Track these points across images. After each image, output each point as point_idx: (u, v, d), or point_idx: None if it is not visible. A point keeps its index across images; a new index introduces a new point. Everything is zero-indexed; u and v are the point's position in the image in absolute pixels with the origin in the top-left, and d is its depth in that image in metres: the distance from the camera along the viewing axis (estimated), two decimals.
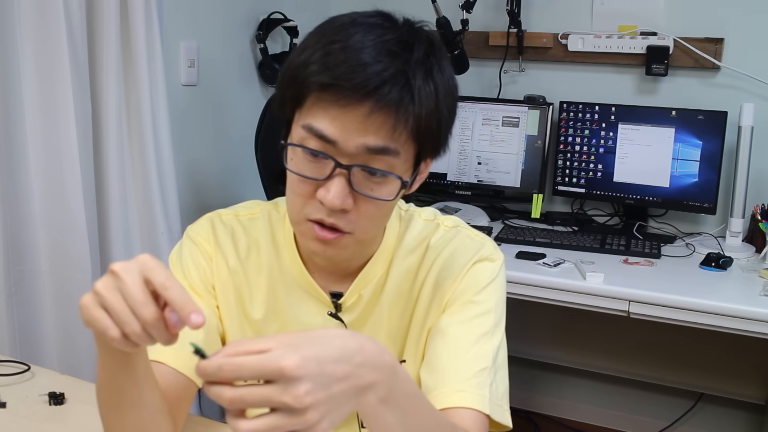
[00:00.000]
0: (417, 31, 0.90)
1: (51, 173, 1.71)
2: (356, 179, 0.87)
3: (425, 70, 0.86)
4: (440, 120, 0.89)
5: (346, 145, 0.85)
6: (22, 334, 1.70)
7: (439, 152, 0.94)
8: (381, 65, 0.83)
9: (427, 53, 0.88)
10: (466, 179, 2.59)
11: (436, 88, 0.87)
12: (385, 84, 0.83)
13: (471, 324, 0.99)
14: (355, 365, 0.67)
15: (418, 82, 0.85)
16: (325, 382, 0.64)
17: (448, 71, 0.91)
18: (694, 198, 2.33)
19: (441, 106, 0.88)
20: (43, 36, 1.64)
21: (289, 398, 0.62)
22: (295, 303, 1.05)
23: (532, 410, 2.88)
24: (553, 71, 2.61)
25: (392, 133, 0.85)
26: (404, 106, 0.84)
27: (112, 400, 0.87)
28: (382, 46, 0.85)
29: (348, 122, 0.84)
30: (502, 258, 1.05)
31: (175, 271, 1.06)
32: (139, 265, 0.69)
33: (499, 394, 0.97)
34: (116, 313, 0.68)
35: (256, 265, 1.07)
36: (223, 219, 1.09)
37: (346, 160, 0.86)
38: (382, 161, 0.86)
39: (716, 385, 2.59)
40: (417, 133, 0.87)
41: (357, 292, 1.03)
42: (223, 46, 2.31)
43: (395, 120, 0.84)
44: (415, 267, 1.04)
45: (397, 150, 0.86)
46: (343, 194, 0.86)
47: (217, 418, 1.13)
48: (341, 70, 0.83)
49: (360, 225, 0.90)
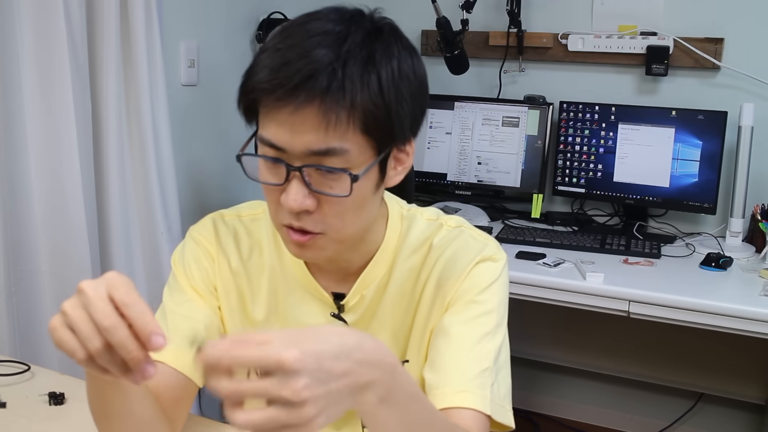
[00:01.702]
0: (359, 20, 0.88)
1: (51, 173, 1.70)
2: (312, 179, 0.86)
3: (363, 57, 0.83)
4: (388, 107, 0.85)
5: (293, 149, 0.84)
6: (22, 334, 1.70)
7: (401, 140, 0.90)
8: (305, 60, 0.82)
9: (364, 39, 0.85)
10: (466, 179, 2.59)
11: (378, 74, 0.84)
12: (310, 77, 0.81)
13: (473, 324, 0.99)
14: (354, 362, 0.67)
15: (349, 71, 0.82)
16: (324, 378, 0.64)
17: (399, 56, 0.87)
18: (694, 198, 2.33)
19: (387, 92, 0.84)
20: (43, 36, 1.64)
21: (287, 392, 0.62)
22: (297, 304, 1.05)
23: (532, 410, 2.89)
24: (553, 71, 2.61)
25: (327, 128, 0.82)
26: (331, 96, 0.81)
27: (102, 413, 0.88)
28: (314, 41, 0.83)
29: (288, 124, 0.83)
30: (505, 258, 1.05)
31: (178, 272, 1.06)
32: (105, 281, 0.69)
33: (500, 395, 0.97)
34: (80, 331, 0.68)
35: (258, 265, 1.06)
36: (226, 219, 1.09)
37: (297, 162, 0.85)
38: (332, 160, 0.84)
39: (716, 385, 2.59)
40: (362, 124, 0.84)
41: (359, 293, 1.03)
42: (223, 46, 2.31)
43: (325, 114, 0.82)
44: (418, 267, 1.03)
45: (344, 148, 0.84)
46: (300, 196, 0.85)
47: (217, 419, 1.13)
48: (269, 71, 0.84)
49: (329, 224, 0.89)
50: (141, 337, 0.67)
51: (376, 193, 0.93)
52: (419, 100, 0.90)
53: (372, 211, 0.95)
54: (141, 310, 0.68)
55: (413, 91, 0.88)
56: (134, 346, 0.68)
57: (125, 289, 0.68)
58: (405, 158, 0.93)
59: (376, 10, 0.91)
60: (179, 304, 1.04)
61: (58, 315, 0.70)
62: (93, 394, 0.87)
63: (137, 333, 0.67)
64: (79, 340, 0.68)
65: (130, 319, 0.67)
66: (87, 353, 0.68)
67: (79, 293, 0.69)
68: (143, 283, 1.96)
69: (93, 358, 0.68)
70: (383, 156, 0.89)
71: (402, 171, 0.94)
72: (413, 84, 0.89)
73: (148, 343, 0.67)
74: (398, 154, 0.92)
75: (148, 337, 0.67)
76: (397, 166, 0.93)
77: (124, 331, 0.67)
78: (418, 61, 0.91)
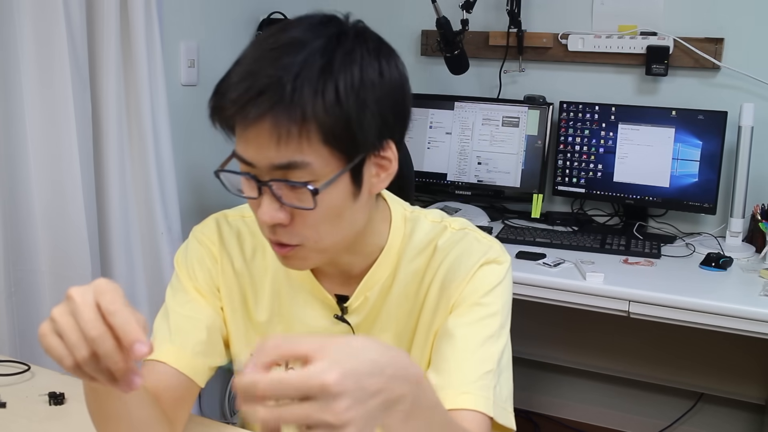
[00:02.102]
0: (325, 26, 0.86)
1: (51, 173, 1.70)
2: (282, 193, 0.85)
3: (318, 67, 0.81)
4: (348, 116, 0.82)
5: (259, 163, 0.84)
6: (22, 334, 1.70)
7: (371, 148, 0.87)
8: (259, 75, 0.81)
9: (326, 48, 0.82)
10: (466, 179, 2.59)
11: (335, 84, 0.81)
12: (260, 94, 0.80)
13: (477, 326, 0.99)
14: (387, 378, 0.66)
15: (299, 84, 0.80)
16: (362, 397, 0.63)
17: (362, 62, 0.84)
18: (694, 198, 2.33)
19: (345, 101, 0.81)
20: (43, 36, 1.64)
21: (330, 416, 0.61)
22: (300, 305, 1.05)
23: (532, 410, 2.89)
24: (553, 71, 2.61)
25: (279, 142, 0.81)
26: (282, 111, 0.80)
27: (99, 414, 0.89)
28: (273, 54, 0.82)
29: (250, 140, 0.83)
30: (509, 261, 1.05)
31: (180, 272, 1.06)
32: (93, 288, 0.69)
33: (503, 397, 0.97)
34: (68, 339, 0.68)
35: (261, 267, 1.06)
36: (230, 220, 1.09)
37: (266, 177, 0.85)
38: (296, 173, 0.83)
39: (716, 385, 2.59)
40: (321, 135, 0.81)
41: (363, 295, 1.03)
42: (223, 46, 2.31)
43: (275, 128, 0.81)
44: (422, 269, 1.03)
45: (305, 161, 0.82)
46: (271, 210, 0.85)
47: (217, 418, 1.13)
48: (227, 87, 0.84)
49: (304, 236, 0.88)
50: (124, 345, 0.67)
51: (356, 203, 0.90)
52: (391, 105, 0.87)
53: (355, 220, 0.93)
54: (124, 319, 0.67)
55: (380, 96, 0.85)
56: (119, 358, 0.68)
57: (111, 297, 0.68)
58: (388, 164, 0.90)
59: (349, 15, 0.89)
60: (182, 305, 1.04)
61: (47, 321, 0.70)
62: (90, 396, 0.87)
63: (120, 341, 0.67)
64: (66, 347, 0.68)
65: (114, 327, 0.67)
66: (74, 361, 0.68)
67: (67, 300, 0.69)
68: (143, 284, 1.96)
69: (80, 366, 0.69)
70: (353, 165, 0.86)
71: (386, 177, 0.92)
72: (379, 89, 0.85)
73: (130, 351, 0.67)
74: (378, 161, 0.89)
75: (131, 345, 0.67)
76: (380, 173, 0.91)
77: (110, 341, 0.67)
78: (388, 64, 0.87)
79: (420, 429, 0.73)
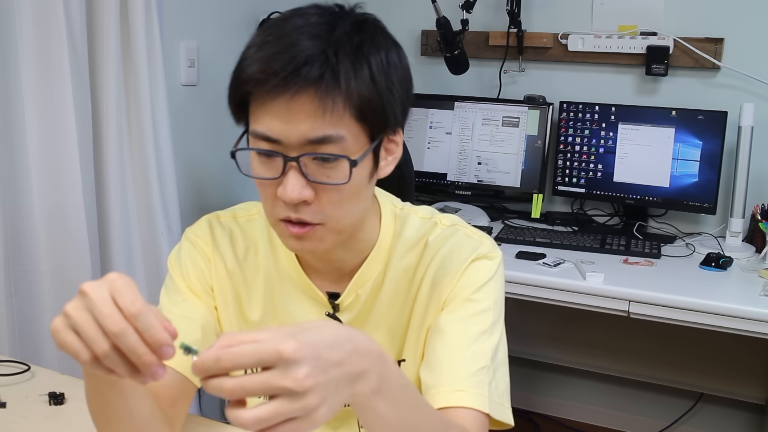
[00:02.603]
0: (342, 13, 0.90)
1: (51, 173, 1.70)
2: (309, 169, 0.86)
3: (352, 46, 0.85)
4: (380, 93, 0.86)
5: (288, 139, 0.85)
6: (22, 334, 1.70)
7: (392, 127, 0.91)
8: (296, 49, 0.83)
9: (352, 30, 0.86)
10: (466, 179, 2.59)
11: (368, 63, 0.86)
12: (304, 65, 0.82)
13: (469, 322, 0.99)
14: (347, 352, 0.68)
15: (342, 58, 0.84)
16: (323, 366, 0.65)
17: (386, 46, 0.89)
18: (694, 198, 2.33)
19: (378, 79, 0.86)
20: (43, 36, 1.64)
21: (290, 381, 0.62)
22: (292, 304, 1.05)
23: (532, 410, 2.89)
24: (553, 71, 2.61)
25: (324, 115, 0.83)
26: (326, 83, 0.83)
27: (100, 413, 0.88)
28: (303, 32, 0.85)
29: (283, 114, 0.84)
30: (500, 256, 1.05)
31: (174, 272, 1.06)
32: (107, 283, 0.68)
33: (499, 393, 0.97)
34: (85, 333, 0.67)
35: (253, 266, 1.07)
36: (222, 221, 1.09)
37: (294, 153, 0.85)
38: (328, 147, 0.85)
39: (716, 385, 2.59)
40: (356, 111, 0.85)
41: (354, 292, 1.03)
42: (223, 46, 2.31)
43: (321, 101, 0.83)
44: (413, 265, 1.03)
45: (340, 135, 0.85)
46: (298, 186, 0.86)
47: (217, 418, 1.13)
48: (260, 63, 0.84)
49: (327, 214, 0.89)
50: (151, 348, 0.67)
51: (370, 184, 0.94)
52: (407, 88, 0.93)
53: (367, 201, 0.96)
54: (149, 321, 0.67)
55: (401, 78, 0.91)
56: (145, 350, 0.67)
57: (131, 297, 0.67)
58: (394, 148, 0.94)
59: (356, 6, 0.92)
60: (176, 304, 1.04)
61: (60, 317, 0.69)
62: (91, 394, 0.87)
63: (147, 344, 0.67)
64: (83, 342, 0.68)
65: (139, 330, 0.67)
66: (92, 355, 0.68)
67: (81, 296, 0.68)
68: (143, 283, 1.96)
69: (98, 360, 0.68)
70: (377, 143, 0.90)
71: (392, 161, 0.95)
72: (400, 72, 0.91)
73: (158, 353, 0.67)
74: (388, 144, 0.93)
75: (159, 348, 0.67)
76: (387, 156, 0.94)
77: (134, 335, 0.67)
78: (402, 53, 0.93)
79: (390, 408, 0.74)
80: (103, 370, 0.69)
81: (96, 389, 0.85)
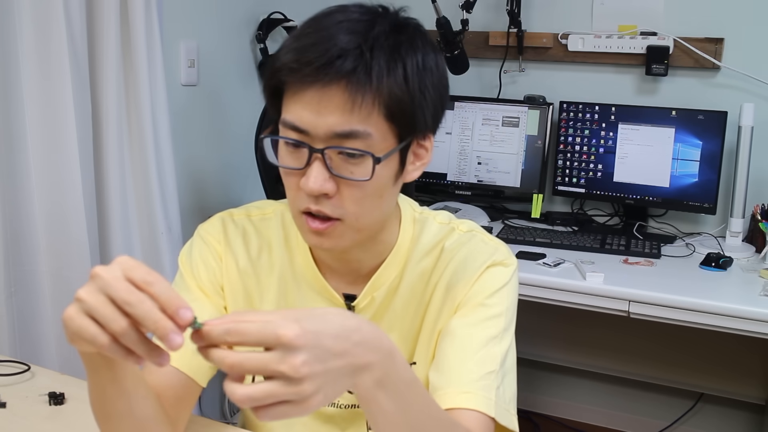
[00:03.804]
0: (384, 14, 0.91)
1: (51, 173, 1.70)
2: (334, 163, 0.87)
3: (389, 46, 0.86)
4: (412, 95, 0.87)
5: (316, 131, 0.85)
6: (22, 334, 1.70)
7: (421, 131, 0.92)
8: (332, 42, 0.84)
9: (391, 30, 0.87)
10: (466, 179, 2.59)
11: (403, 64, 0.86)
12: (338, 58, 0.83)
13: (480, 327, 0.99)
14: (352, 343, 0.68)
15: (376, 55, 0.84)
16: (322, 356, 0.65)
17: (424, 50, 0.90)
18: (694, 198, 2.33)
19: (411, 81, 0.87)
20: (43, 36, 1.64)
21: (286, 367, 0.63)
22: (306, 304, 1.05)
23: (532, 410, 2.89)
24: (553, 71, 2.61)
25: (352, 109, 0.84)
26: (358, 77, 0.83)
27: (103, 412, 0.88)
28: (342, 27, 0.86)
29: (313, 104, 0.85)
30: (515, 263, 1.06)
31: (185, 270, 1.06)
32: (119, 264, 0.68)
33: (506, 398, 0.96)
34: (102, 315, 0.66)
35: (267, 265, 1.06)
36: (235, 219, 1.09)
37: (320, 145, 0.86)
38: (354, 143, 0.86)
39: (716, 385, 2.59)
40: (386, 109, 0.85)
41: (370, 294, 1.03)
42: (223, 46, 2.31)
43: (351, 95, 0.83)
44: (429, 270, 1.04)
45: (367, 131, 0.85)
46: (321, 178, 0.86)
47: (217, 418, 1.13)
48: (295, 52, 0.85)
49: (348, 210, 0.89)
50: (168, 312, 0.66)
51: (395, 186, 0.94)
52: (441, 95, 0.93)
53: (390, 203, 0.96)
54: (165, 286, 0.67)
55: (436, 83, 0.91)
56: (161, 316, 0.66)
57: (144, 269, 0.68)
58: (424, 154, 0.95)
59: (401, 9, 0.94)
60: None
61: (73, 304, 0.68)
62: (94, 394, 0.87)
63: (164, 308, 0.66)
64: (100, 324, 0.67)
65: (155, 296, 0.66)
66: (110, 336, 0.67)
67: (93, 278, 0.68)
68: None
69: (117, 340, 0.67)
70: (404, 144, 0.90)
71: (420, 167, 0.95)
72: (436, 77, 0.91)
73: (176, 317, 0.66)
74: (417, 148, 0.94)
75: (176, 311, 0.66)
76: (415, 161, 0.94)
77: (149, 302, 0.66)
78: (441, 59, 0.94)
79: (394, 402, 0.74)
80: (122, 352, 0.68)
81: (99, 388, 0.85)
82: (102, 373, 0.81)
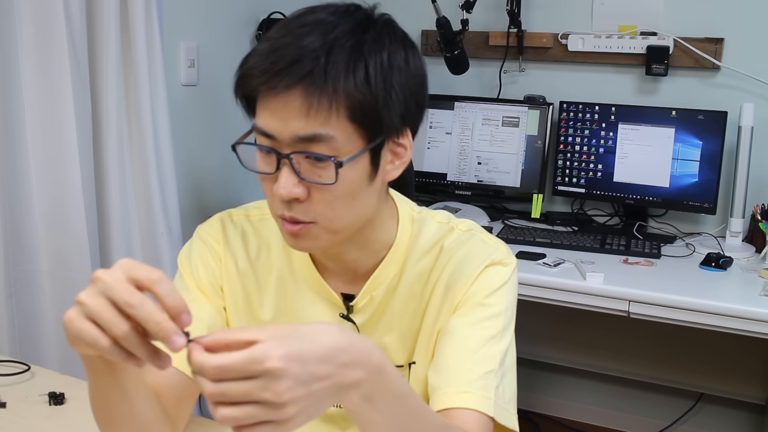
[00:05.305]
0: (352, 12, 0.89)
1: (51, 173, 1.70)
2: (302, 167, 0.86)
3: (349, 46, 0.84)
4: (375, 96, 0.85)
5: (282, 136, 0.85)
6: (22, 334, 1.70)
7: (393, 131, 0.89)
8: (292, 47, 0.83)
9: (355, 29, 0.86)
10: (466, 179, 2.59)
11: (365, 64, 0.84)
12: (293, 63, 0.82)
13: (479, 326, 0.98)
14: (339, 364, 0.68)
15: (334, 57, 0.83)
16: (306, 380, 0.65)
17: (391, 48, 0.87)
18: (694, 198, 2.33)
19: (374, 81, 0.85)
20: (43, 36, 1.64)
21: (270, 394, 0.63)
22: (305, 304, 1.05)
23: (532, 410, 2.89)
24: (553, 71, 2.61)
25: (309, 112, 0.83)
26: (313, 80, 0.82)
27: (104, 413, 0.88)
28: (304, 30, 0.85)
29: (277, 110, 0.84)
30: (514, 263, 1.05)
31: (184, 270, 1.06)
32: (120, 267, 0.69)
33: (505, 398, 0.96)
34: (103, 318, 0.66)
35: (266, 265, 1.06)
36: (234, 219, 1.09)
37: (287, 150, 0.86)
38: (319, 146, 0.85)
39: (716, 385, 2.59)
40: (348, 111, 0.84)
41: (369, 294, 1.03)
42: (223, 46, 2.30)
43: (307, 98, 0.82)
44: (428, 269, 1.03)
45: (329, 134, 0.84)
46: (289, 184, 0.86)
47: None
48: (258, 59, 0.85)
49: (319, 213, 0.89)
50: (171, 313, 0.67)
51: (371, 186, 0.92)
52: (413, 92, 0.90)
53: (368, 204, 0.94)
54: (170, 287, 0.67)
55: (405, 81, 0.88)
56: (163, 317, 0.66)
57: (147, 269, 0.68)
58: (403, 152, 0.93)
59: (375, 6, 0.92)
60: None
61: (73, 307, 0.68)
62: (95, 395, 0.87)
63: (167, 308, 0.67)
64: (101, 327, 0.67)
65: (160, 294, 0.67)
66: (111, 340, 0.67)
67: (94, 281, 0.68)
68: None
69: (118, 344, 0.67)
70: (373, 146, 0.88)
71: (400, 165, 0.94)
72: (405, 75, 0.88)
73: (178, 320, 0.67)
74: (394, 147, 0.92)
75: (179, 313, 0.67)
76: (394, 160, 0.93)
77: (151, 304, 0.66)
78: (413, 55, 0.91)
79: (382, 416, 0.74)
80: (122, 355, 0.68)
81: (99, 389, 0.85)
82: (103, 376, 0.81)
